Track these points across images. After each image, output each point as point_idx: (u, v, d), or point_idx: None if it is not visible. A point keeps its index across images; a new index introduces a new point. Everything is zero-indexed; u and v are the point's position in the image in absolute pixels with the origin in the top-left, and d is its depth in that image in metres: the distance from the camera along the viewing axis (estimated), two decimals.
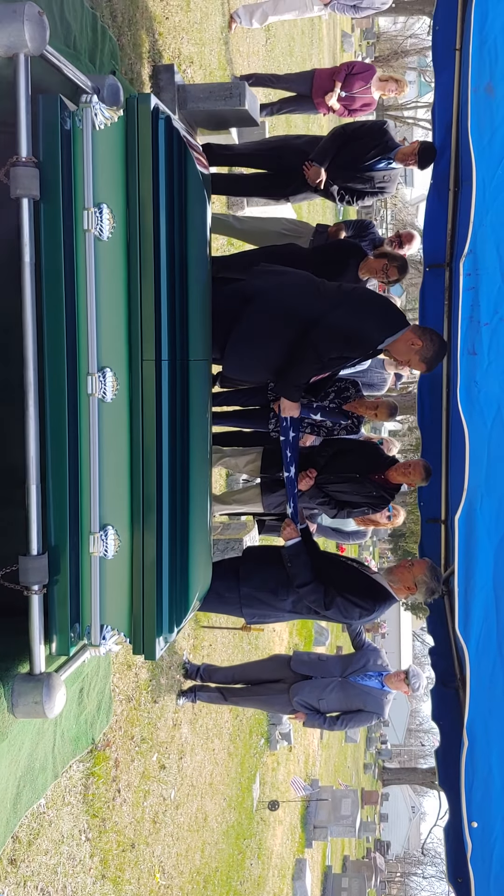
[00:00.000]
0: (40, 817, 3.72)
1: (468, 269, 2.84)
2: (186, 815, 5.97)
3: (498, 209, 2.85)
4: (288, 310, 4.17)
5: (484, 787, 2.83)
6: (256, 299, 4.20)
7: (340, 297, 4.22)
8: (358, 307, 4.18)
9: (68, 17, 4.20)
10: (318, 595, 4.35)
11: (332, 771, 17.39)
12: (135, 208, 3.11)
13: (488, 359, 2.84)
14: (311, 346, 4.13)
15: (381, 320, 4.20)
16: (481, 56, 3.02)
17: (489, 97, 2.94)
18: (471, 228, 2.84)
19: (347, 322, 4.12)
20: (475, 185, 2.87)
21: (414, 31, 36.15)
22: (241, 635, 7.96)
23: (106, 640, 3.27)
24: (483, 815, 2.83)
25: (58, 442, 3.16)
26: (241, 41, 8.35)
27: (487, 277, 2.84)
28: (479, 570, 2.84)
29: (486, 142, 2.92)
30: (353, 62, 7.04)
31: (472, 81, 3.00)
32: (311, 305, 4.17)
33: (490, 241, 2.83)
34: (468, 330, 2.84)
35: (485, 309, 2.85)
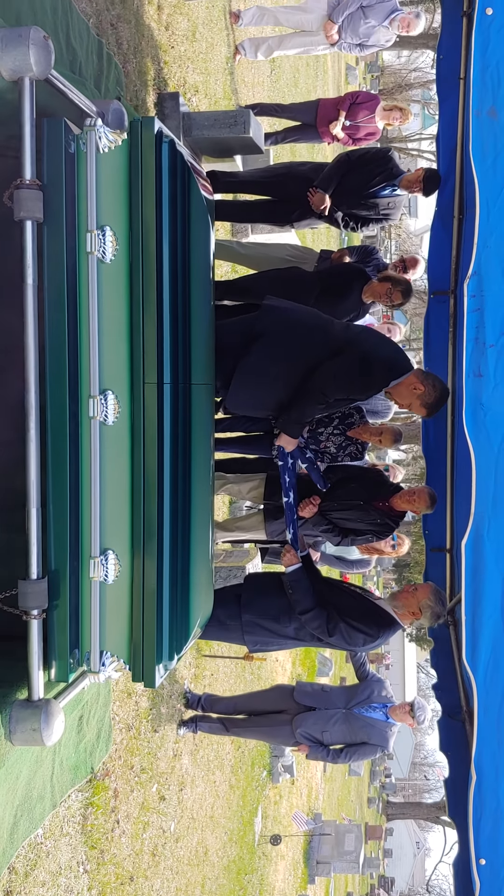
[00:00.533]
0: (37, 848, 3.65)
1: (473, 291, 2.82)
2: (186, 849, 5.86)
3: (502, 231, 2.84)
4: (295, 350, 4.22)
5: (492, 823, 2.76)
6: (263, 337, 4.23)
7: (347, 339, 4.26)
8: (364, 351, 4.22)
9: (74, 43, 4.24)
10: (320, 621, 4.30)
11: (335, 805, 17.15)
12: (138, 231, 3.11)
13: (494, 381, 2.81)
14: (317, 388, 4.18)
15: (387, 364, 4.26)
16: (483, 81, 3.03)
17: (492, 120, 2.94)
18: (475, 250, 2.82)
19: (353, 365, 4.17)
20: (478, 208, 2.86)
21: (418, 64, 36.60)
22: (244, 665, 7.87)
23: (105, 667, 3.22)
24: (491, 852, 2.75)
25: (58, 465, 3.14)
26: (246, 72, 8.43)
27: (492, 299, 2.82)
28: (487, 598, 2.79)
29: (490, 164, 2.92)
30: (357, 92, 7.09)
31: (473, 105, 3.00)
32: (319, 347, 4.22)
33: (494, 263, 2.81)
34: (473, 352, 2.81)
35: (490, 330, 2.82)
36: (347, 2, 7.22)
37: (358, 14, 7.14)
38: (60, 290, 3.09)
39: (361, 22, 7.15)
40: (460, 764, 3.74)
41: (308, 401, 4.23)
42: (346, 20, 7.15)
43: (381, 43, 7.44)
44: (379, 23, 7.14)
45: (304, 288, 5.37)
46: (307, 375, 4.18)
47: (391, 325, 6.55)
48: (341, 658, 16.46)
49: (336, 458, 5.41)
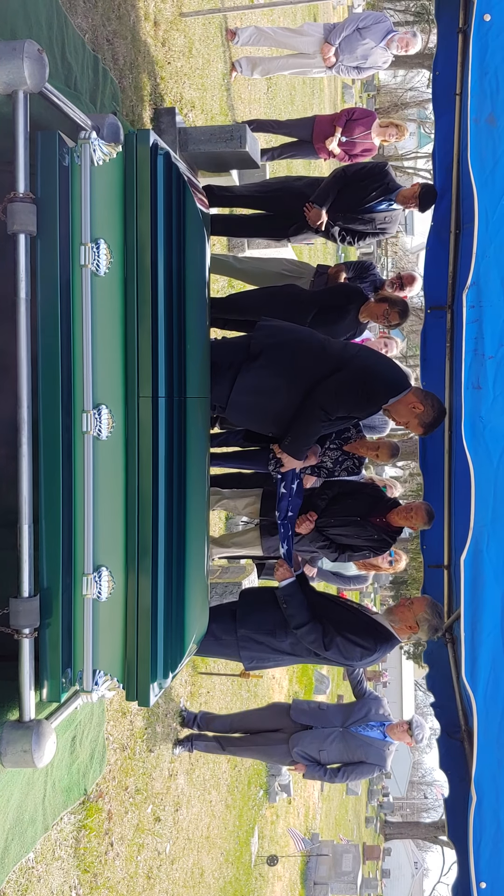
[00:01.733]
0: (29, 872, 3.57)
1: (471, 302, 2.79)
2: (182, 871, 5.78)
3: (501, 241, 2.81)
4: (293, 367, 4.21)
5: (493, 845, 2.70)
6: (261, 355, 4.22)
7: (346, 356, 4.26)
8: (364, 367, 4.21)
9: (69, 58, 4.23)
10: (316, 635, 4.25)
11: (332, 824, 17.00)
12: (132, 244, 3.08)
13: (493, 393, 2.77)
14: (318, 405, 4.17)
15: (387, 381, 4.25)
16: (482, 87, 3.00)
17: (491, 128, 2.92)
18: (473, 260, 2.79)
19: (353, 382, 4.17)
20: (477, 217, 2.83)
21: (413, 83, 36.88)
22: (240, 682, 7.80)
23: (98, 686, 3.16)
24: (492, 875, 2.69)
25: (51, 480, 3.09)
26: (242, 88, 8.45)
27: (491, 309, 2.79)
28: (487, 614, 2.74)
29: (489, 172, 2.89)
30: (353, 108, 7.12)
31: (472, 113, 2.98)
32: (317, 363, 4.21)
33: (493, 273, 2.78)
34: (472, 363, 2.78)
35: (489, 342, 2.79)
36: (344, 24, 7.25)
37: (355, 35, 7.16)
38: (54, 303, 3.06)
39: (359, 43, 7.17)
40: (460, 783, 3.68)
41: (310, 420, 4.21)
42: (343, 42, 7.17)
43: (378, 65, 7.46)
44: (376, 43, 7.16)
45: (301, 307, 5.36)
46: (306, 392, 4.17)
47: (388, 340, 6.51)
48: (338, 676, 16.36)
49: (333, 473, 5.37)
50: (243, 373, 4.19)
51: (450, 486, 5.03)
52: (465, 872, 2.86)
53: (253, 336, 4.33)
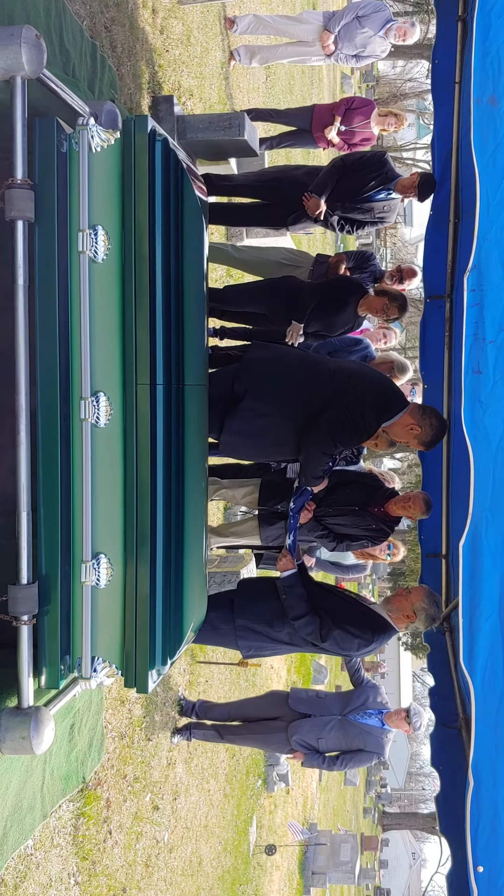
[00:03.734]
0: (27, 859, 3.58)
1: (472, 285, 2.77)
2: (180, 859, 5.80)
3: (502, 223, 2.80)
4: (282, 407, 4.28)
5: (490, 829, 2.71)
6: (247, 397, 4.29)
7: (335, 391, 4.27)
8: (350, 403, 4.24)
9: (67, 45, 4.21)
10: (313, 627, 4.26)
11: (330, 814, 17.05)
12: (130, 230, 3.07)
13: (493, 377, 2.76)
14: (317, 450, 4.29)
15: (376, 410, 4.27)
16: (484, 68, 2.98)
17: (492, 108, 2.90)
18: (475, 243, 2.77)
19: (343, 421, 4.23)
20: (479, 199, 2.81)
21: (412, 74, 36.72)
22: (238, 671, 7.81)
23: (97, 673, 3.16)
24: (489, 858, 2.70)
25: (49, 468, 3.08)
26: (241, 77, 8.42)
27: (492, 293, 2.77)
28: (485, 600, 2.74)
29: (490, 154, 2.87)
30: (352, 97, 7.10)
31: (474, 93, 2.95)
32: (307, 402, 4.26)
33: (494, 256, 2.77)
34: (472, 348, 2.76)
35: (490, 326, 2.77)
36: (343, 12, 7.22)
37: (354, 24, 7.14)
38: (52, 290, 3.04)
39: (357, 32, 7.15)
40: (453, 776, 3.68)
41: (316, 462, 4.35)
42: (342, 30, 7.15)
43: (376, 53, 7.44)
44: (375, 32, 7.14)
45: (300, 299, 5.35)
46: (297, 426, 4.27)
47: (386, 331, 6.51)
48: (336, 665, 16.39)
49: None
50: (230, 416, 4.26)
51: (448, 475, 5.03)
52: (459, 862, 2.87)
53: (237, 374, 4.35)
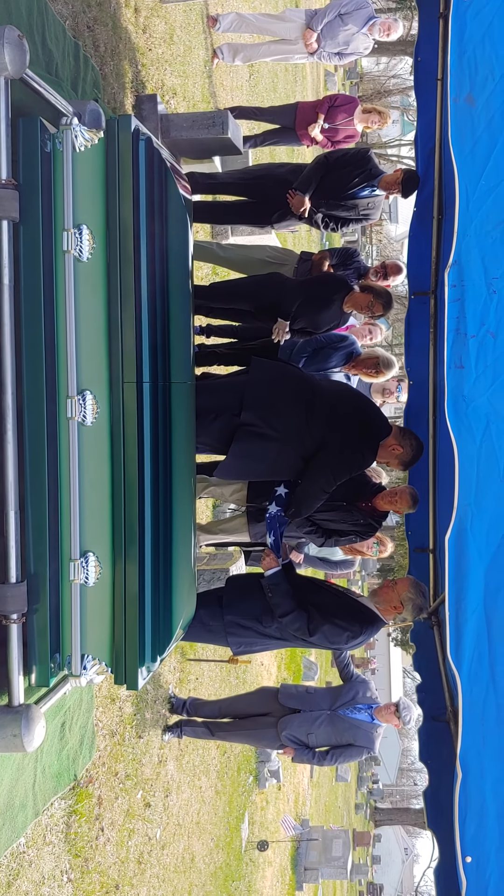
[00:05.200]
0: (20, 857, 3.59)
1: (453, 281, 2.80)
2: (173, 856, 5.81)
3: (482, 219, 2.82)
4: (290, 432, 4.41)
5: (478, 819, 2.74)
6: (257, 417, 4.39)
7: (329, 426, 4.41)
8: (346, 439, 4.42)
9: (50, 45, 4.21)
10: (300, 623, 4.29)
11: (322, 811, 17.11)
12: (115, 229, 3.09)
13: (476, 372, 2.79)
14: (318, 488, 4.45)
15: (370, 440, 4.50)
16: (461, 66, 3.01)
17: (470, 107, 2.93)
18: (455, 239, 2.80)
19: (342, 459, 4.44)
20: (458, 196, 2.84)
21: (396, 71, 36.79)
22: (229, 668, 7.83)
23: (87, 670, 3.18)
24: (477, 849, 2.73)
25: (37, 467, 3.10)
26: (224, 75, 8.43)
27: (473, 288, 2.80)
28: (470, 593, 2.76)
29: (469, 151, 2.90)
30: (336, 94, 7.10)
31: (451, 92, 2.99)
32: (309, 428, 4.40)
33: (475, 252, 2.79)
34: (454, 343, 2.79)
35: (471, 321, 2.81)
36: (325, 10, 7.24)
37: (336, 21, 7.15)
38: (37, 289, 3.06)
39: (340, 29, 7.16)
40: (441, 770, 3.71)
41: (314, 498, 4.50)
42: (325, 28, 7.16)
43: (359, 51, 7.46)
44: (358, 29, 7.16)
45: (287, 295, 5.36)
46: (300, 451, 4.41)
47: (372, 327, 6.50)
48: (326, 662, 16.44)
49: None
50: (237, 438, 4.38)
51: (434, 470, 5.05)
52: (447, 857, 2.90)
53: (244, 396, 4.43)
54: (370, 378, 5.76)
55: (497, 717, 2.77)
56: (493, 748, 2.77)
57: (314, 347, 5.56)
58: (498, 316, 2.83)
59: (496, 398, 2.81)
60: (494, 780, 2.76)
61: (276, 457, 4.46)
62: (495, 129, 2.92)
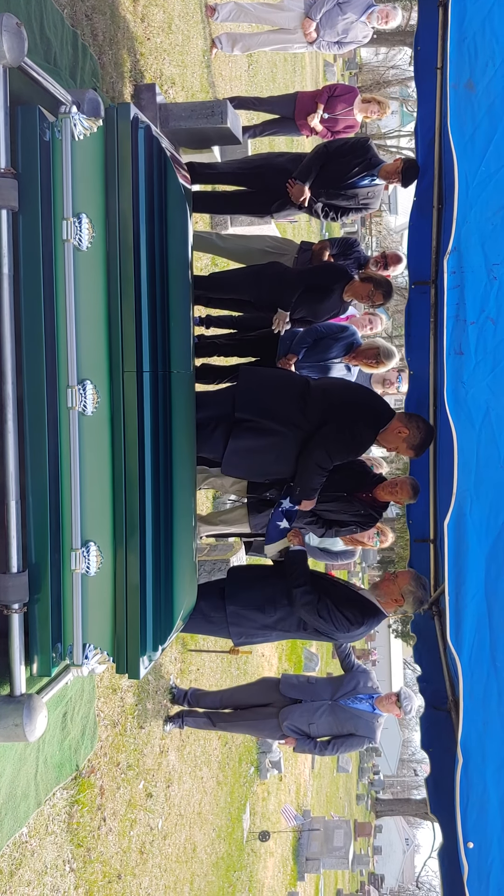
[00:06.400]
0: (22, 846, 3.60)
1: (452, 267, 2.80)
2: (175, 846, 5.83)
3: (482, 205, 2.81)
4: (281, 428, 4.43)
5: (479, 805, 2.75)
6: (248, 421, 4.42)
7: (327, 407, 4.45)
8: (345, 420, 4.43)
9: (48, 33, 4.19)
10: (312, 597, 4.34)
11: (323, 801, 17.15)
12: (114, 217, 3.08)
13: (475, 358, 2.79)
14: (315, 465, 4.43)
15: (369, 422, 4.49)
16: (460, 53, 3.00)
17: (470, 93, 2.92)
18: (454, 225, 2.79)
19: (340, 438, 4.43)
20: (457, 183, 2.83)
21: (395, 61, 36.64)
22: (230, 659, 7.84)
23: (89, 660, 3.18)
24: (479, 835, 2.74)
25: (37, 456, 3.10)
26: (223, 65, 8.40)
27: (472, 275, 2.80)
28: (470, 578, 2.77)
29: (468, 138, 2.89)
30: (335, 84, 7.07)
31: (451, 78, 2.97)
32: (307, 419, 4.43)
33: (474, 238, 2.79)
34: (454, 329, 2.79)
35: (470, 307, 2.80)
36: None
37: (335, 10, 7.12)
38: (37, 278, 3.05)
39: (339, 18, 7.13)
40: (443, 757, 3.72)
41: (311, 477, 4.47)
42: (323, 17, 7.13)
43: (358, 39, 7.43)
44: (357, 17, 7.13)
45: (286, 285, 5.35)
46: (300, 443, 4.43)
47: (372, 317, 6.50)
48: (328, 653, 16.46)
49: None
50: (235, 435, 4.41)
51: (435, 460, 5.05)
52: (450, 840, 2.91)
53: (236, 399, 4.47)
54: (370, 368, 5.76)
55: (498, 701, 2.79)
56: (495, 733, 2.78)
57: (314, 338, 5.55)
58: (498, 302, 2.83)
59: (496, 384, 2.81)
60: (496, 766, 2.77)
61: (279, 448, 4.46)
62: (496, 115, 2.92)
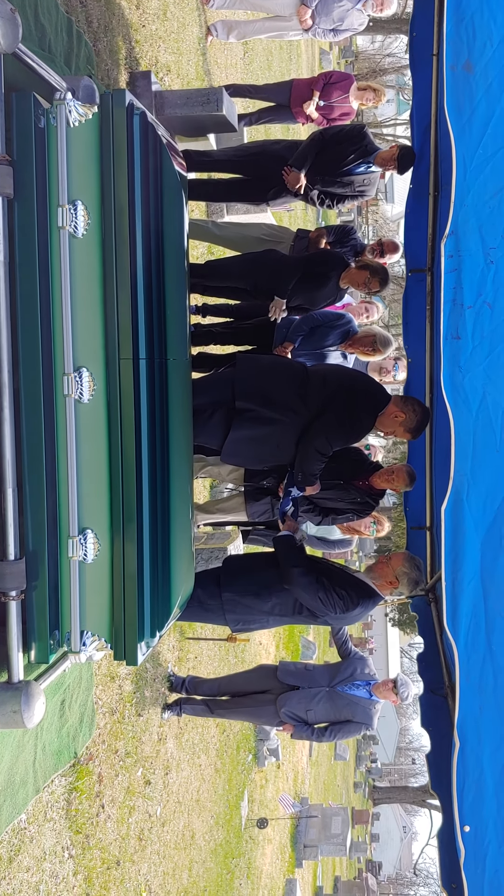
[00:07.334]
0: (21, 833, 3.62)
1: (450, 251, 2.79)
2: (173, 833, 5.86)
3: (479, 189, 2.81)
4: (281, 416, 4.44)
5: (476, 789, 2.76)
6: (248, 410, 4.43)
7: (330, 388, 4.48)
8: (343, 405, 4.46)
9: (43, 20, 4.17)
10: (310, 578, 4.35)
11: (321, 789, 17.23)
12: (110, 204, 3.07)
13: (472, 343, 2.79)
14: (314, 451, 4.46)
15: (367, 408, 4.51)
16: (458, 33, 2.97)
17: (467, 75, 2.90)
18: (451, 209, 2.78)
19: (339, 424, 4.46)
20: (455, 165, 2.82)
21: (391, 49, 36.50)
22: (227, 647, 7.87)
23: (86, 647, 3.19)
24: (475, 818, 2.76)
25: (34, 444, 3.10)
26: (218, 53, 8.36)
27: (470, 259, 2.79)
28: (467, 563, 2.78)
29: (466, 120, 2.87)
30: (331, 71, 7.04)
31: (447, 59, 2.95)
32: (307, 406, 4.45)
33: (472, 222, 2.78)
34: (451, 314, 2.78)
35: (468, 291, 2.80)
36: None
37: None
38: (32, 265, 3.04)
39: (335, 5, 7.09)
40: (442, 738, 3.74)
41: (311, 463, 4.50)
42: (319, 4, 7.09)
43: (354, 27, 7.39)
44: (352, 5, 7.09)
45: (283, 273, 5.35)
46: (300, 430, 4.45)
47: (369, 305, 6.50)
48: (325, 641, 16.50)
49: None
50: (236, 423, 4.43)
51: (431, 448, 5.06)
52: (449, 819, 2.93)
53: (235, 386, 4.48)
54: (367, 356, 5.76)
55: (494, 685, 2.80)
56: (491, 717, 2.80)
57: (311, 326, 5.55)
58: (495, 286, 2.82)
59: (492, 369, 2.81)
60: (492, 749, 2.79)
61: (278, 436, 4.47)
62: (493, 97, 2.90)
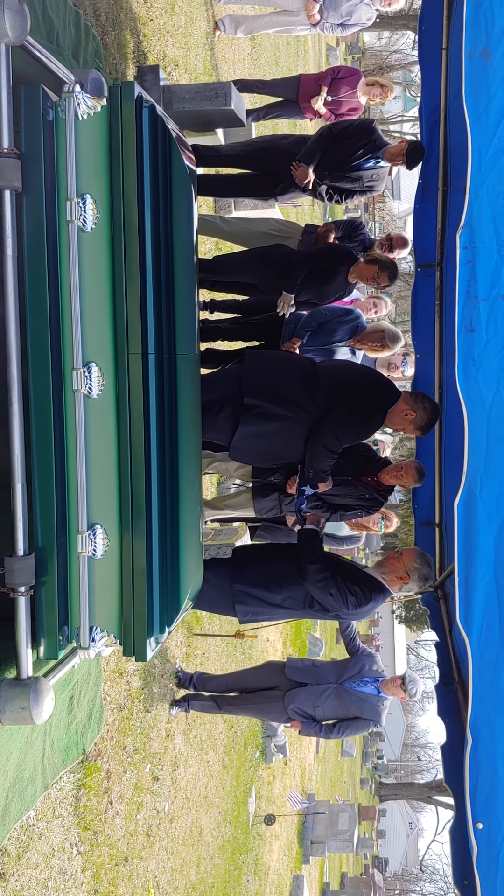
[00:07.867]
0: (30, 829, 3.61)
1: (464, 243, 2.75)
2: (181, 829, 5.85)
3: (494, 179, 2.77)
4: (290, 413, 4.42)
5: (489, 786, 2.74)
6: (257, 406, 4.41)
7: (335, 393, 4.45)
8: (352, 402, 4.43)
9: (51, 13, 4.16)
10: (324, 574, 4.34)
11: (328, 785, 17.22)
12: (119, 197, 3.05)
13: (486, 336, 2.76)
14: (324, 448, 4.43)
15: (376, 404, 4.48)
16: (476, 19, 2.92)
17: (486, 62, 2.85)
18: (466, 200, 2.75)
19: (348, 421, 4.44)
20: (470, 154, 2.78)
21: (398, 46, 36.38)
22: (235, 643, 7.85)
23: (95, 643, 3.18)
24: (488, 815, 2.74)
25: (43, 439, 3.09)
26: (226, 48, 8.33)
27: (484, 251, 2.76)
28: (480, 558, 2.75)
29: (483, 108, 2.83)
30: (339, 67, 7.02)
31: (466, 46, 2.90)
32: (316, 402, 4.43)
33: (486, 213, 2.75)
34: (465, 306, 2.75)
35: (482, 284, 2.77)
36: None
37: None
38: (41, 260, 3.03)
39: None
40: (456, 730, 3.72)
41: (321, 460, 4.47)
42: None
43: (362, 21, 7.37)
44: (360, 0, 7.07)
45: (291, 268, 5.33)
46: (309, 426, 4.43)
47: (377, 300, 6.47)
48: (332, 638, 16.49)
49: None
50: (245, 420, 4.41)
51: (440, 444, 5.04)
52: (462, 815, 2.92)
53: (243, 382, 4.46)
54: (375, 352, 5.73)
55: None
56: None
57: (319, 321, 5.53)
58: None
59: None
60: None
61: (287, 432, 4.45)
62: None
